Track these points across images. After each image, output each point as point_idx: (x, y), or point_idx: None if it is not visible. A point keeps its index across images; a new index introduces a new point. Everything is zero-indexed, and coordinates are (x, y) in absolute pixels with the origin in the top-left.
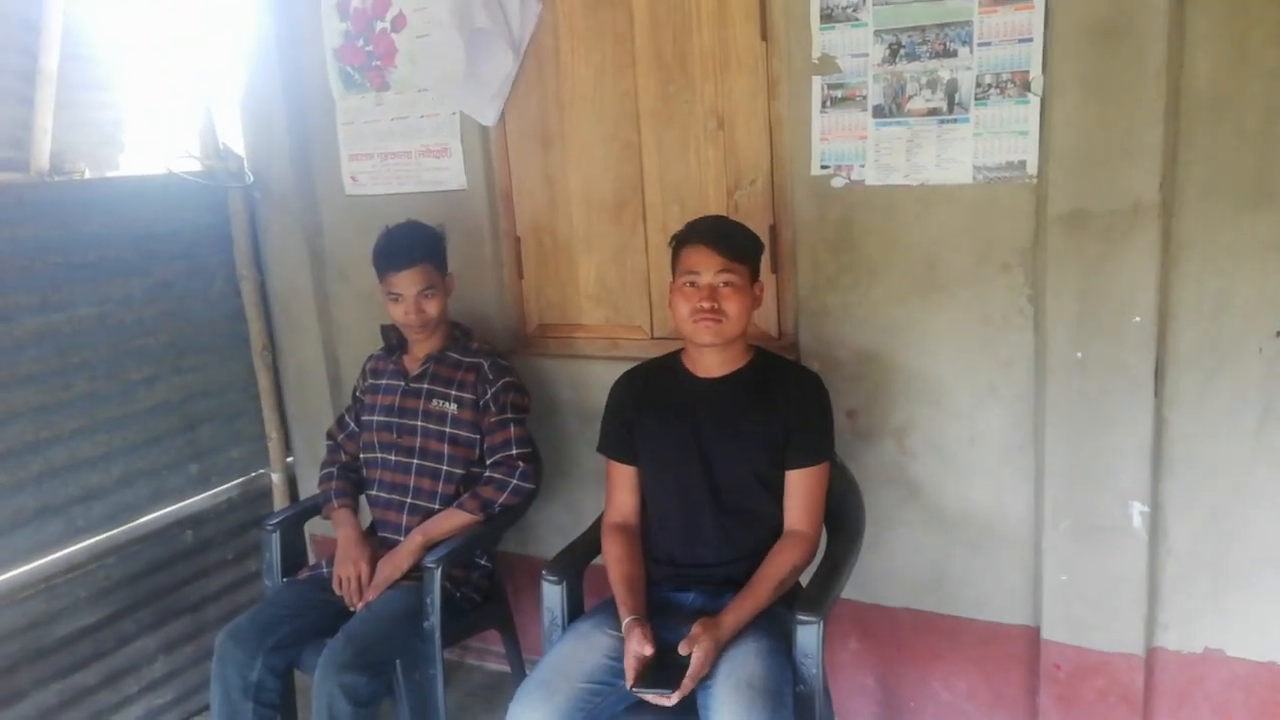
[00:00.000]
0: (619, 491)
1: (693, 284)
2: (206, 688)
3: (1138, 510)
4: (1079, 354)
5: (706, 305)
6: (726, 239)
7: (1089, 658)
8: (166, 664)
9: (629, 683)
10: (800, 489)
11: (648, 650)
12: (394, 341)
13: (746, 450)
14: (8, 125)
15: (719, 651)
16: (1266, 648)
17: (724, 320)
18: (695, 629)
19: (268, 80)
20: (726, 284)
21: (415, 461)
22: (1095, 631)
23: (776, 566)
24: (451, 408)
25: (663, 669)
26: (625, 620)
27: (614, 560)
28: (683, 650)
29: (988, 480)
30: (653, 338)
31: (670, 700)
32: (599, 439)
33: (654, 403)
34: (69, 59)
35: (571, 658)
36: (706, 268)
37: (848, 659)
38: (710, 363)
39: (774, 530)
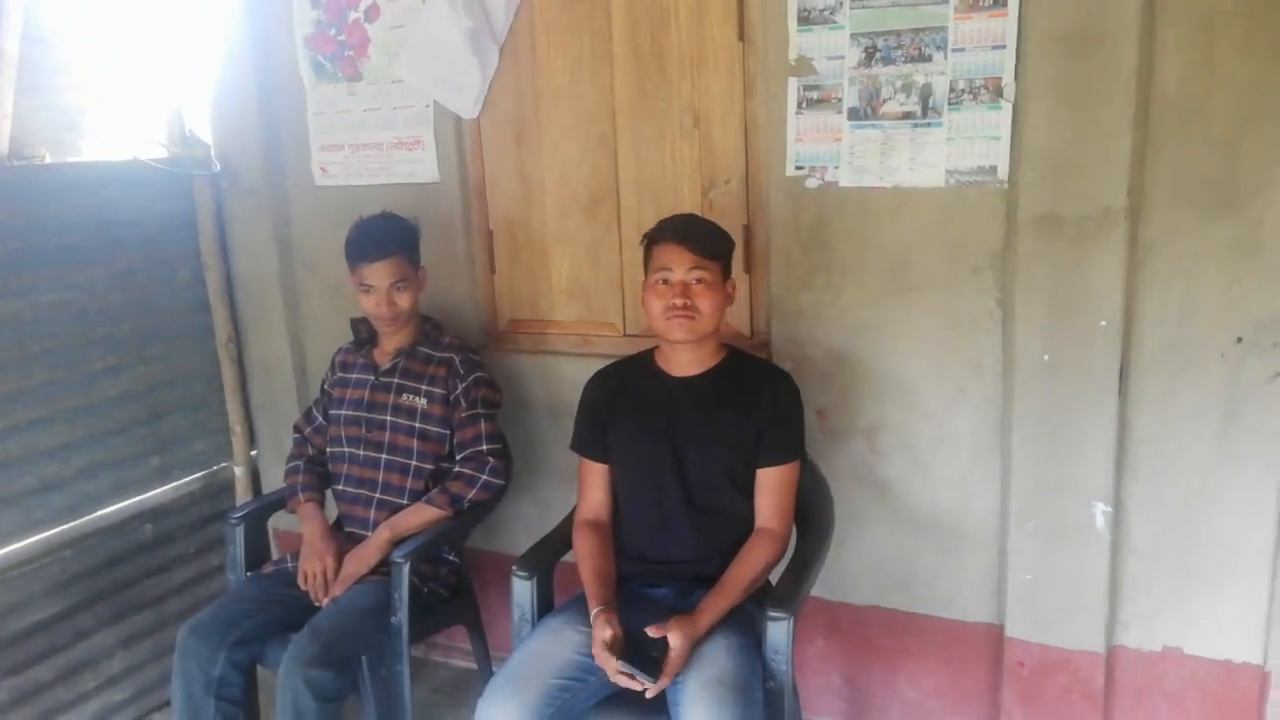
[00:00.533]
0: (591, 489)
1: (665, 281)
2: (165, 684)
3: (1101, 510)
4: (1046, 356)
5: (679, 302)
6: (698, 236)
7: (1051, 655)
8: (124, 659)
9: (608, 668)
10: (771, 487)
11: (610, 630)
12: (364, 335)
13: (719, 448)
14: None
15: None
16: (1223, 646)
17: (697, 316)
18: (671, 624)
19: (237, 68)
20: (699, 280)
21: (384, 456)
22: (1058, 629)
23: (748, 564)
24: (421, 403)
25: (641, 659)
26: (593, 611)
27: (585, 555)
28: (653, 634)
29: (956, 480)
30: (625, 335)
31: (650, 691)
32: (572, 436)
33: (627, 401)
34: (30, 42)
35: (541, 654)
36: (678, 265)
37: (815, 656)
38: (683, 361)
39: (745, 528)
